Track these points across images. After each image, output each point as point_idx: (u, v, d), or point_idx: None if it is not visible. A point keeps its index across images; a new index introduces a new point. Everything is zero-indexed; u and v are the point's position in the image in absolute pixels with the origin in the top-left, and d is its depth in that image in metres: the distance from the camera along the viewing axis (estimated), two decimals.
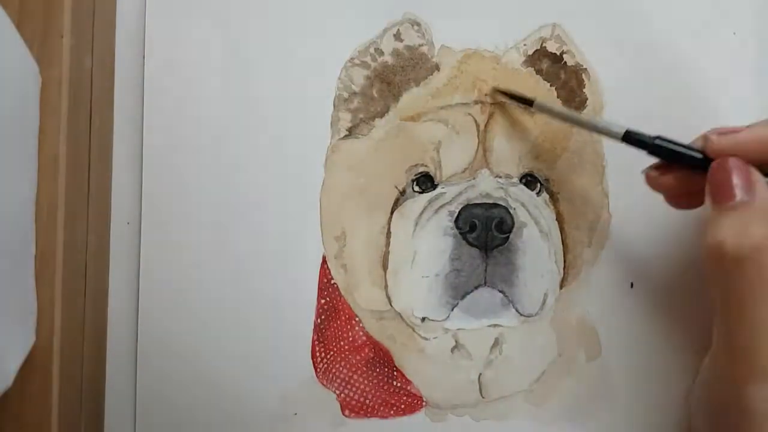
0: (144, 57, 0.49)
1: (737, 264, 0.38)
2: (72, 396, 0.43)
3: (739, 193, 0.39)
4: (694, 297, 0.52)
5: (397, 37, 0.51)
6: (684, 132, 0.52)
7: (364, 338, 0.51)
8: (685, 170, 0.43)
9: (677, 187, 0.44)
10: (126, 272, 0.50)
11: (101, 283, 0.48)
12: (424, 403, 0.51)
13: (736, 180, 0.39)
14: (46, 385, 0.40)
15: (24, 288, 0.39)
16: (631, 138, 0.44)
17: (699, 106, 0.52)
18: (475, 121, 0.51)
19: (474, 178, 0.50)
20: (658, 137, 0.44)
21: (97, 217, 0.47)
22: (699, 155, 0.42)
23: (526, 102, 0.49)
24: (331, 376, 0.50)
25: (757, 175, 0.40)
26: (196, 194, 0.50)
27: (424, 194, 0.50)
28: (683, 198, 0.46)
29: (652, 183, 0.45)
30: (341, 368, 0.50)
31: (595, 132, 0.47)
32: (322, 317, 0.50)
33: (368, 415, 0.51)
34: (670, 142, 0.43)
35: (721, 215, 0.39)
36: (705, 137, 0.42)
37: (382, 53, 0.51)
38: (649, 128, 0.51)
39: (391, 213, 0.51)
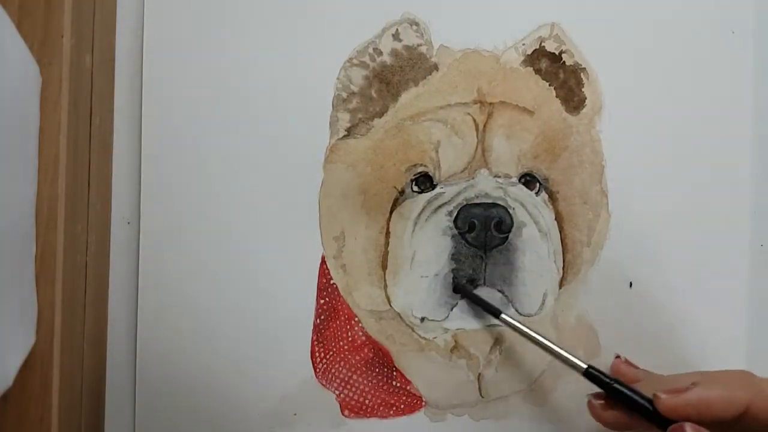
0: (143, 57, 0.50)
1: None
2: (72, 396, 0.44)
3: None
4: (693, 296, 0.53)
5: (396, 37, 0.51)
6: (683, 130, 0.52)
7: (364, 338, 0.51)
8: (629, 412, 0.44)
9: (615, 423, 0.45)
10: (126, 272, 0.50)
11: (101, 283, 0.49)
12: (423, 403, 0.51)
13: None
14: (46, 385, 0.40)
15: (24, 288, 0.39)
16: (590, 375, 0.45)
17: (698, 104, 0.53)
18: (474, 120, 0.51)
19: (473, 178, 0.51)
20: (616, 381, 0.44)
21: (97, 217, 0.47)
22: (650, 407, 0.43)
23: (492, 312, 0.49)
24: (330, 376, 0.51)
25: None
26: (195, 195, 0.50)
27: (423, 194, 0.51)
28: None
29: (593, 412, 0.46)
30: (341, 368, 0.51)
31: (559, 360, 0.46)
32: (322, 317, 0.51)
33: (367, 415, 0.51)
34: (625, 388, 0.44)
35: None
36: (655, 396, 0.43)
37: (380, 53, 0.51)
38: (649, 127, 0.52)
39: (390, 213, 0.51)
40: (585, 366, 0.45)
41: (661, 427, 0.42)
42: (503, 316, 0.48)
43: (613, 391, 0.44)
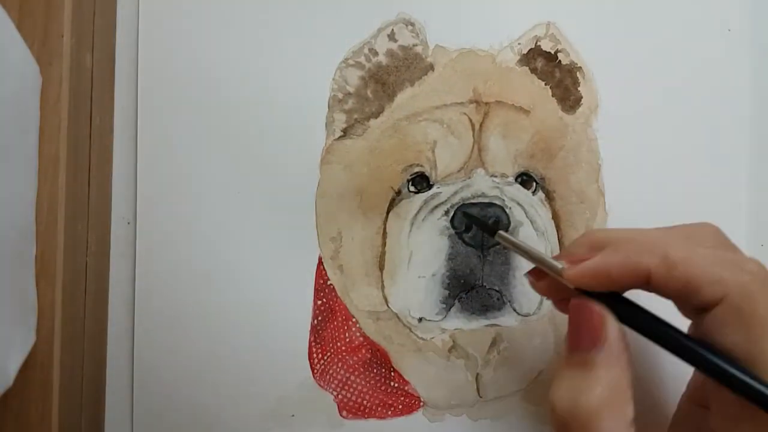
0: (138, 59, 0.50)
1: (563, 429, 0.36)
2: (72, 396, 0.44)
3: (590, 348, 0.38)
4: None
5: (391, 37, 0.52)
6: (680, 129, 0.53)
7: (361, 339, 0.52)
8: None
9: (551, 293, 0.43)
10: (126, 272, 0.50)
11: (101, 283, 0.49)
12: (421, 404, 0.52)
13: (590, 331, 0.38)
14: (46, 385, 0.41)
15: (24, 288, 0.39)
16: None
17: (694, 102, 0.54)
18: (470, 120, 0.51)
19: (469, 178, 0.51)
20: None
21: (97, 217, 0.48)
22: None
23: (488, 230, 0.48)
24: (328, 377, 0.51)
25: (610, 328, 0.38)
26: (191, 195, 0.50)
27: (420, 194, 0.51)
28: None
29: (532, 285, 0.44)
30: (338, 369, 0.51)
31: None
32: (319, 318, 0.51)
33: (366, 415, 0.51)
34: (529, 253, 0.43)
35: (563, 369, 0.38)
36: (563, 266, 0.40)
37: (376, 53, 0.52)
38: (645, 126, 0.53)
39: (387, 213, 0.51)
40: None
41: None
42: (500, 232, 0.46)
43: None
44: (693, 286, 0.37)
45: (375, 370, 0.52)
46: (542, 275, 0.43)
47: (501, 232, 0.46)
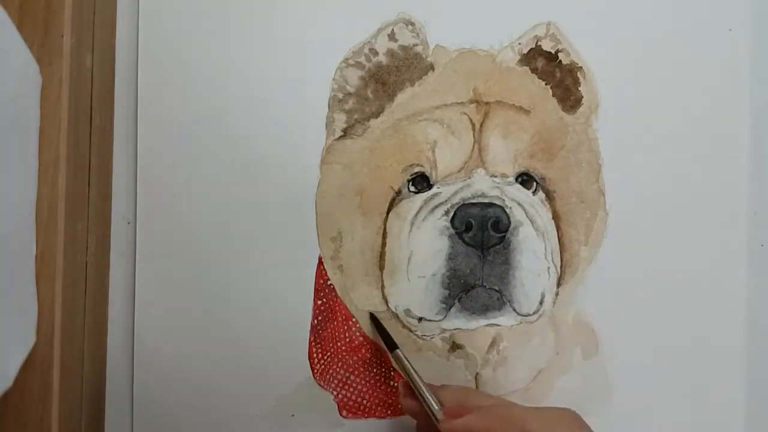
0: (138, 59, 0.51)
1: None
2: (72, 396, 0.44)
3: None
4: (691, 295, 0.54)
5: (392, 37, 0.52)
6: (680, 129, 0.53)
7: (361, 339, 0.52)
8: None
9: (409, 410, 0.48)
10: (126, 272, 0.51)
11: (101, 283, 0.50)
12: None
13: None
14: (46, 385, 0.41)
15: (24, 288, 0.39)
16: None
17: (694, 102, 0.54)
18: (471, 120, 0.52)
19: (470, 178, 0.51)
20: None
21: (97, 217, 0.48)
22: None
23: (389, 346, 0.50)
24: (328, 377, 0.51)
25: None
26: (192, 195, 0.51)
27: (420, 194, 0.51)
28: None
29: (401, 397, 0.49)
30: (338, 369, 0.52)
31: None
32: (319, 318, 0.51)
33: (365, 415, 0.52)
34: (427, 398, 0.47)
35: None
36: (440, 411, 0.46)
37: (376, 53, 0.52)
38: (645, 126, 0.53)
39: (387, 213, 0.52)
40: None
41: None
42: (397, 351, 0.49)
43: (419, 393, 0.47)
44: None
45: (375, 370, 0.52)
46: (414, 395, 0.48)
47: (398, 351, 0.49)
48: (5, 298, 0.37)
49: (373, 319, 0.51)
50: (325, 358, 0.51)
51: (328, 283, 0.52)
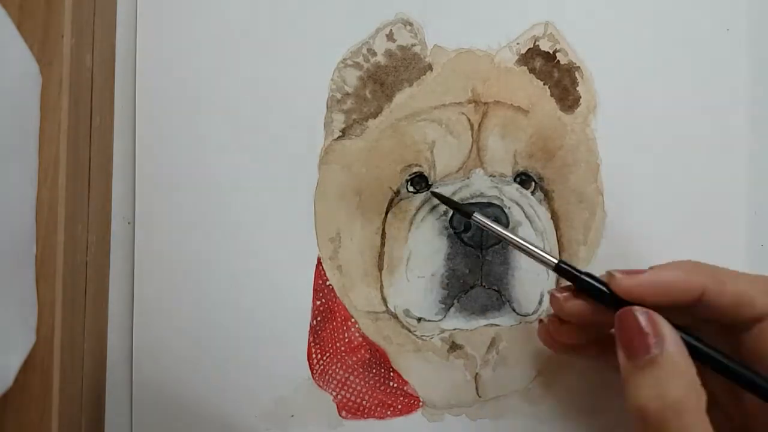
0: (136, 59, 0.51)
1: (661, 427, 0.37)
2: (72, 396, 0.44)
3: (650, 348, 0.39)
4: None
5: (390, 37, 0.52)
6: (678, 129, 0.53)
7: (360, 339, 0.52)
8: (591, 302, 0.44)
9: (577, 315, 0.45)
10: (126, 272, 0.51)
11: (101, 283, 0.50)
12: (420, 404, 0.52)
13: (648, 330, 0.40)
14: (46, 385, 0.41)
15: (24, 288, 0.40)
16: (561, 270, 0.45)
17: (693, 102, 0.54)
18: (469, 120, 0.52)
19: (468, 178, 0.52)
20: (586, 273, 0.44)
21: (97, 217, 0.48)
22: (605, 290, 0.43)
23: (465, 214, 0.49)
24: (327, 377, 0.52)
25: (665, 327, 0.40)
26: (190, 195, 0.51)
27: (419, 194, 0.52)
28: (574, 333, 0.47)
29: (555, 304, 0.45)
30: (337, 369, 0.52)
31: (529, 257, 0.46)
32: (318, 319, 0.52)
33: (365, 416, 0.52)
34: (591, 278, 0.44)
35: (636, 374, 0.39)
36: (610, 274, 0.43)
37: (374, 54, 0.52)
38: (644, 126, 0.53)
39: (386, 213, 0.52)
40: (556, 261, 0.45)
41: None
42: (475, 215, 0.47)
43: (579, 280, 0.44)
44: (745, 299, 0.40)
45: (374, 371, 0.52)
46: (575, 297, 0.44)
47: (476, 214, 0.47)
48: (5, 298, 0.37)
49: (435, 194, 0.50)
50: (324, 358, 0.52)
51: (327, 283, 0.52)
